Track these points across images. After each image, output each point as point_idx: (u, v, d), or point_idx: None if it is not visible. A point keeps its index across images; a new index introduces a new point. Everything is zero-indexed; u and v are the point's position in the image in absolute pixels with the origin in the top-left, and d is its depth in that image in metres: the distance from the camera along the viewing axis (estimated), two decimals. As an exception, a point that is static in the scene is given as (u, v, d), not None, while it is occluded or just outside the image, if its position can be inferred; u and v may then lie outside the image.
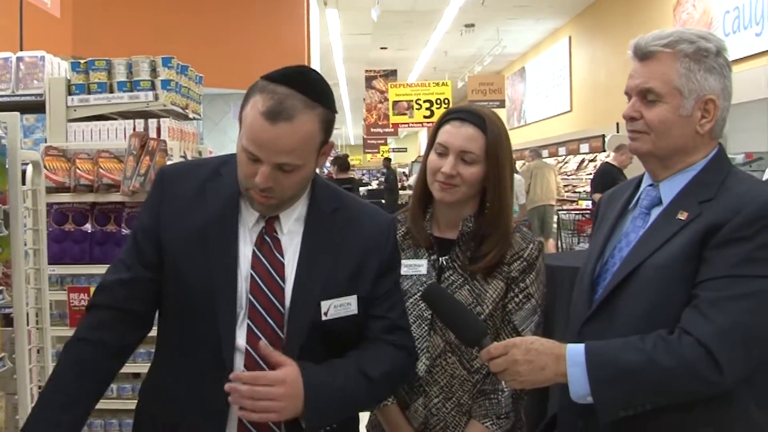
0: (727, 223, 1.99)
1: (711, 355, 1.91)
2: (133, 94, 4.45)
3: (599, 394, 1.99)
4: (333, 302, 2.15)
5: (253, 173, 2.05)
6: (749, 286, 1.95)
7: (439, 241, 2.61)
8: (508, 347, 2.09)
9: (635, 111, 2.18)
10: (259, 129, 2.01)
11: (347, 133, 45.97)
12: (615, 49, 16.07)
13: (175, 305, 2.19)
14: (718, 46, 2.14)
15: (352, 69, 23.23)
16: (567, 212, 12.68)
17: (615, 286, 2.14)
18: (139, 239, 2.21)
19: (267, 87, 2.04)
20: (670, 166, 2.19)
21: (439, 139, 2.56)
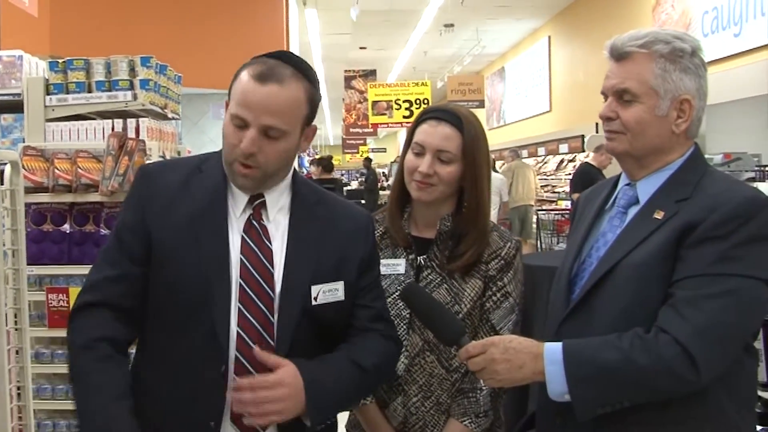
0: (703, 222, 2.01)
1: (687, 353, 1.93)
2: (112, 94, 4.42)
3: (576, 392, 2.01)
4: (322, 287, 2.21)
5: (239, 141, 2.11)
6: (725, 284, 1.97)
7: (417, 241, 2.62)
8: (486, 346, 2.11)
9: (611, 111, 2.20)
10: (250, 90, 2.10)
11: (326, 134, 45.89)
12: (594, 50, 16.12)
13: (164, 299, 2.18)
14: (693, 47, 2.16)
15: (331, 69, 23.20)
16: (546, 212, 12.70)
17: (592, 286, 2.15)
18: (123, 236, 2.21)
19: (256, 60, 2.16)
20: (646, 165, 2.21)
21: (416, 139, 2.57)
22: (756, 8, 10.25)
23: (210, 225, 2.18)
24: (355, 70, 23.00)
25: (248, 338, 2.12)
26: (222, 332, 2.11)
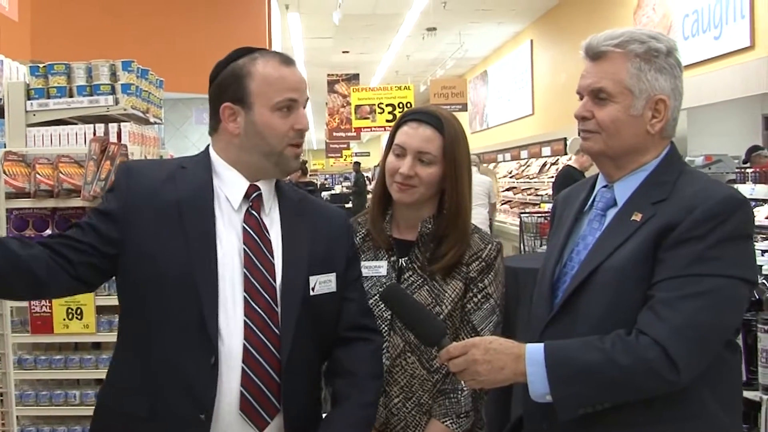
0: (680, 223, 2.02)
1: (667, 353, 1.94)
2: (93, 99, 4.40)
3: (558, 393, 2.02)
4: (318, 278, 2.30)
5: (292, 124, 2.26)
6: (702, 284, 1.98)
7: (398, 243, 2.63)
8: (467, 347, 2.11)
9: (587, 111, 2.20)
10: (290, 75, 2.28)
11: (310, 138, 45.85)
12: (576, 53, 16.01)
13: (148, 292, 2.18)
14: (669, 47, 2.17)
15: (314, 73, 23.17)
16: (529, 215, 12.73)
17: (574, 290, 2.16)
18: (98, 217, 2.24)
19: (257, 52, 2.30)
20: (622, 166, 2.21)
21: (397, 141, 2.58)
22: (736, 11, 10.31)
23: (196, 216, 2.22)
24: (338, 74, 22.98)
25: (254, 327, 2.18)
26: (211, 323, 2.14)
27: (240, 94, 2.25)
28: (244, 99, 2.25)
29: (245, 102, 2.25)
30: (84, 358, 4.18)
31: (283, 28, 16.49)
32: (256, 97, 2.24)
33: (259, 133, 2.24)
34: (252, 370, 2.17)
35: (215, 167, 2.31)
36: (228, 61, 2.31)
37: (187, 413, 2.13)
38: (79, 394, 4.23)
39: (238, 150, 2.29)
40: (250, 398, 2.17)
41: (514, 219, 15.00)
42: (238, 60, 2.29)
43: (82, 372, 4.21)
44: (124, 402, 2.21)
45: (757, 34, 9.96)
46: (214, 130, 2.34)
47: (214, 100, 2.31)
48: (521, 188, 17.18)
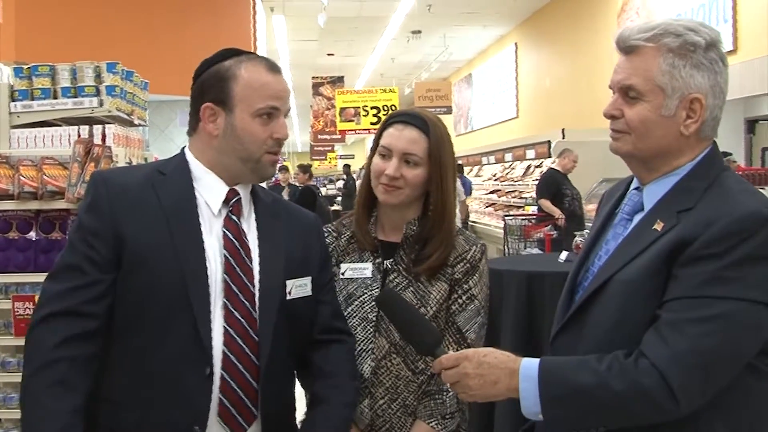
0: (698, 238, 1.86)
1: (665, 380, 1.81)
2: (78, 100, 4.39)
3: (549, 413, 1.91)
4: (295, 282, 2.29)
5: (271, 132, 2.24)
6: (714, 308, 1.82)
7: (383, 245, 2.64)
8: (460, 359, 2.02)
9: (616, 109, 2.04)
10: (274, 82, 2.26)
11: (294, 140, 45.81)
12: (560, 56, 16.24)
13: (139, 303, 2.14)
14: (709, 39, 1.97)
15: (299, 75, 23.17)
16: (513, 218, 12.77)
17: (586, 299, 2.05)
18: (91, 243, 2.15)
19: (245, 55, 2.29)
20: (654, 168, 2.05)
21: (383, 142, 2.59)
22: (719, 15, 10.39)
23: (183, 224, 2.19)
24: (322, 77, 22.98)
25: (234, 334, 2.15)
26: (205, 332, 2.12)
27: (222, 96, 2.23)
28: (225, 101, 2.23)
29: (227, 104, 2.23)
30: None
31: (268, 31, 16.49)
32: (239, 100, 2.22)
33: (238, 137, 2.22)
34: (231, 377, 2.15)
35: (194, 171, 2.28)
36: (214, 61, 2.29)
37: (183, 425, 2.10)
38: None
39: (216, 152, 2.27)
40: (228, 405, 2.14)
41: (498, 221, 15.04)
42: (224, 61, 2.27)
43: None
44: (108, 416, 2.16)
45: (739, 38, 10.05)
46: (192, 131, 2.33)
47: (196, 98, 2.29)
48: (505, 191, 17.18)
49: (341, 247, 2.67)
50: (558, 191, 10.99)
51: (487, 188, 18.88)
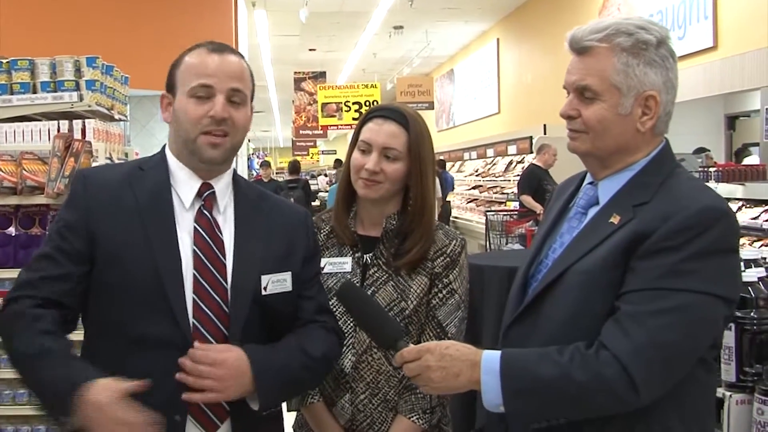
0: (655, 231, 1.90)
1: (626, 372, 1.83)
2: (57, 95, 4.38)
3: (511, 405, 1.93)
4: (271, 277, 2.24)
5: (205, 112, 2.16)
6: (672, 300, 1.86)
7: (363, 239, 2.64)
8: (422, 352, 2.03)
9: (573, 109, 2.06)
10: (209, 61, 2.19)
11: (276, 136, 45.74)
12: (542, 52, 16.26)
13: (114, 298, 2.14)
14: (659, 37, 2.02)
15: (280, 71, 23.12)
16: (495, 213, 12.79)
17: (541, 290, 2.07)
18: (64, 235, 2.16)
19: (199, 44, 2.25)
20: (609, 165, 2.09)
21: (362, 137, 2.59)
22: (700, 12, 10.42)
23: (157, 218, 2.18)
24: (304, 72, 22.93)
25: (204, 330, 2.14)
26: (183, 323, 2.12)
27: (170, 82, 2.25)
28: (172, 87, 2.25)
29: (173, 90, 2.24)
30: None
31: (250, 26, 16.42)
32: (179, 83, 2.23)
33: (178, 119, 2.22)
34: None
35: (170, 166, 2.28)
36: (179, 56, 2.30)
37: (163, 415, 2.05)
38: (28, 392, 4.19)
39: (173, 141, 2.28)
40: (200, 403, 2.13)
41: (479, 217, 15.06)
42: (187, 53, 2.28)
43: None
44: None
45: (720, 35, 10.08)
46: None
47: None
48: (487, 186, 17.21)
49: (320, 241, 2.66)
50: (539, 187, 11.02)
51: (468, 184, 18.91)
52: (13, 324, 2.10)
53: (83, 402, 1.91)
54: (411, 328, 2.55)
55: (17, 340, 2.08)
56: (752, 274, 2.62)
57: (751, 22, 9.46)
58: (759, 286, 2.59)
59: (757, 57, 9.21)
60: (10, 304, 2.13)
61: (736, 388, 2.58)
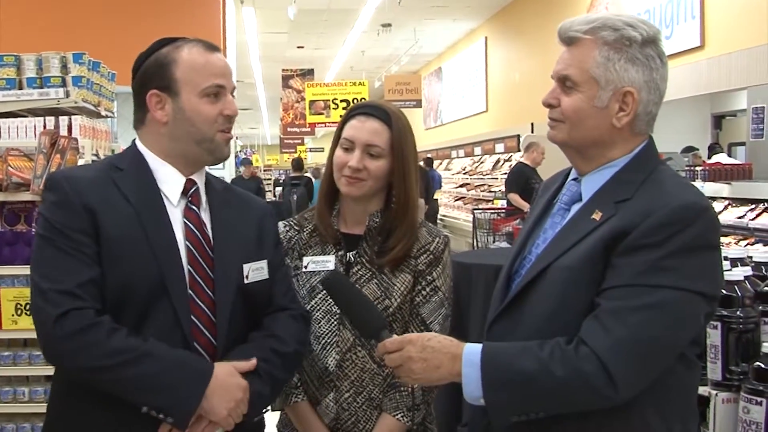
0: (636, 227, 1.90)
1: (605, 367, 1.84)
2: (43, 91, 4.37)
3: (491, 398, 1.94)
4: (251, 266, 2.31)
5: (221, 110, 2.24)
6: (652, 296, 1.87)
7: (346, 237, 2.64)
8: (404, 343, 2.04)
9: (553, 98, 2.09)
10: (216, 60, 2.27)
11: (264, 133, 45.67)
12: (530, 50, 16.28)
13: (119, 298, 2.13)
14: (647, 36, 2.02)
15: (268, 68, 23.08)
16: (482, 211, 12.80)
17: (524, 286, 2.08)
18: (75, 237, 2.10)
19: (180, 40, 2.29)
20: (588, 158, 2.10)
21: (345, 134, 2.59)
22: (687, 11, 10.44)
23: (154, 217, 2.19)
24: (292, 70, 22.90)
25: (200, 323, 2.18)
26: (184, 320, 2.15)
27: (166, 82, 2.24)
28: (170, 86, 2.24)
29: (172, 89, 2.23)
30: (33, 355, 4.14)
31: (238, 23, 16.39)
32: (183, 83, 2.23)
33: (189, 119, 2.23)
34: None
35: (150, 164, 2.28)
36: (150, 52, 2.30)
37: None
38: (28, 391, 4.19)
39: (169, 140, 2.27)
40: None
41: (467, 215, 15.08)
42: (161, 49, 2.28)
43: (31, 369, 4.17)
44: (89, 409, 2.15)
45: (707, 34, 10.11)
46: (140, 123, 2.32)
47: (139, 91, 2.29)
48: (474, 184, 17.24)
49: (303, 240, 2.67)
50: (527, 185, 11.04)
51: (456, 182, 18.94)
52: (94, 336, 2.05)
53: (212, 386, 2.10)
54: (395, 326, 2.55)
55: (106, 348, 2.05)
56: (738, 273, 2.63)
57: (738, 22, 9.49)
58: (745, 285, 2.59)
59: (744, 57, 9.24)
60: (64, 320, 2.05)
61: (722, 387, 2.58)
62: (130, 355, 2.05)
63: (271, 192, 22.38)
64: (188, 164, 2.29)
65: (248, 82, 24.56)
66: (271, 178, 31.55)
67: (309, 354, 2.58)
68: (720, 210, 7.59)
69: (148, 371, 2.05)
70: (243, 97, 25.46)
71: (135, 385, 2.06)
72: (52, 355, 2.14)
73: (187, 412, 2.07)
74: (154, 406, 2.07)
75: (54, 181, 2.21)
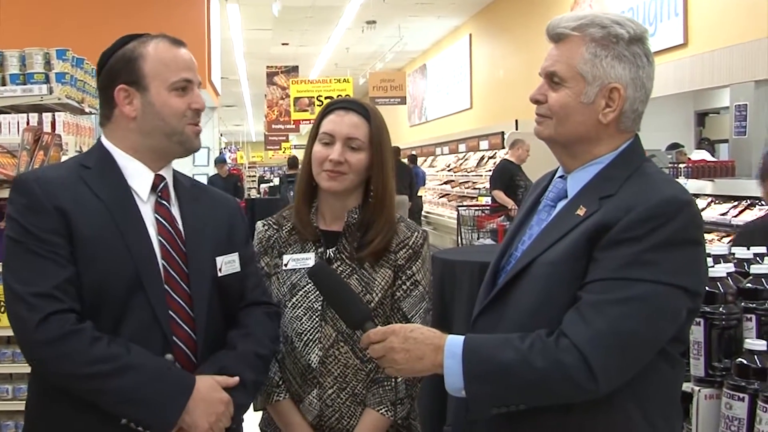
0: (618, 222, 1.91)
1: (585, 360, 1.85)
2: (27, 87, 4.35)
3: (471, 389, 1.94)
4: (224, 258, 2.33)
5: (188, 104, 2.26)
6: (633, 289, 1.88)
7: (325, 234, 2.65)
8: (387, 333, 2.05)
9: (541, 94, 2.10)
10: (182, 55, 2.29)
11: (248, 130, 45.58)
12: (514, 47, 16.31)
13: (95, 297, 2.11)
14: (633, 34, 2.03)
15: (253, 65, 23.03)
16: (467, 208, 12.83)
17: (508, 281, 2.09)
18: (49, 239, 2.08)
19: (145, 36, 2.29)
20: (575, 155, 2.11)
21: (324, 129, 2.60)
22: (670, 9, 10.50)
23: (126, 214, 2.19)
24: (277, 66, 22.87)
25: (178, 318, 2.18)
26: (162, 315, 2.15)
27: (134, 77, 2.24)
28: (138, 81, 2.24)
29: (140, 84, 2.24)
30: (16, 352, 4.12)
31: (222, 19, 16.35)
32: (152, 78, 2.24)
33: (158, 113, 2.24)
34: (179, 361, 2.20)
35: (118, 161, 2.27)
36: (116, 48, 2.30)
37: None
38: (11, 389, 4.18)
39: (138, 135, 2.27)
40: None
41: (451, 212, 15.10)
42: (126, 45, 2.28)
43: (14, 366, 4.16)
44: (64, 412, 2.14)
45: (690, 32, 10.17)
46: (107, 119, 2.31)
47: (106, 87, 2.28)
48: (459, 181, 17.26)
49: (282, 238, 2.68)
50: (511, 182, 11.06)
51: (440, 179, 18.95)
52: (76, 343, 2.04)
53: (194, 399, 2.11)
54: (377, 321, 2.55)
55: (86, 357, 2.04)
56: (721, 269, 2.64)
57: (721, 20, 9.54)
58: (727, 282, 2.60)
59: (726, 54, 9.29)
60: (41, 326, 2.03)
61: (705, 383, 2.59)
62: (111, 365, 2.04)
63: (255, 189, 22.32)
64: (157, 159, 2.29)
65: (233, 79, 24.50)
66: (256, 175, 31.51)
67: (291, 352, 2.59)
68: (703, 207, 7.64)
69: (129, 383, 2.05)
70: (227, 93, 25.39)
71: (115, 398, 2.06)
72: (33, 360, 2.15)
73: (168, 426, 2.08)
74: (134, 419, 2.07)
75: (24, 183, 2.18)
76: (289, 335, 2.59)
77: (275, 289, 2.63)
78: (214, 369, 2.21)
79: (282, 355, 2.60)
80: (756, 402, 2.32)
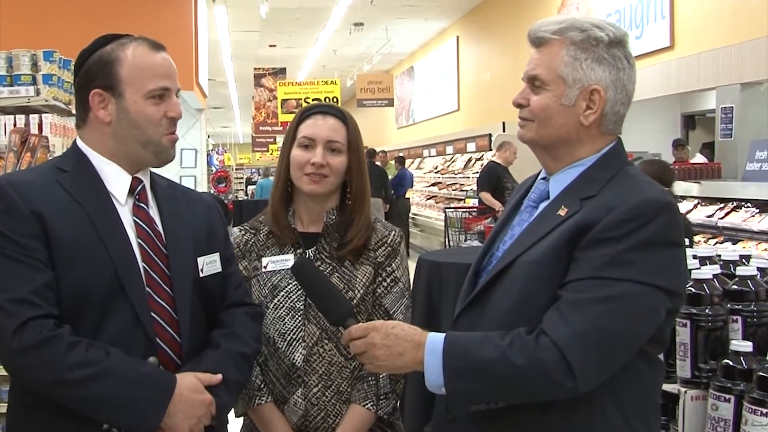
0: (599, 222, 1.93)
1: (564, 358, 1.86)
2: (14, 89, 4.34)
3: (451, 385, 1.95)
4: (205, 259, 2.31)
5: (164, 112, 2.20)
6: (612, 289, 1.89)
7: (303, 236, 2.66)
8: (368, 330, 2.07)
9: (523, 98, 2.12)
10: (161, 61, 2.22)
11: (236, 132, 45.51)
12: (501, 50, 16.34)
13: (75, 301, 2.08)
14: (613, 37, 2.06)
15: (240, 67, 23.02)
16: (454, 210, 12.84)
17: (489, 281, 2.10)
18: (26, 243, 2.05)
19: (125, 38, 2.23)
20: (558, 157, 2.13)
21: (304, 133, 2.63)
22: (657, 12, 10.54)
23: (104, 217, 2.16)
24: (264, 68, 22.83)
25: (162, 320, 2.16)
26: (145, 318, 2.13)
27: (110, 81, 2.18)
28: (114, 86, 2.18)
29: (115, 89, 2.18)
30: (2, 354, 4.09)
31: (210, 21, 16.32)
32: (128, 84, 2.17)
33: (133, 121, 2.18)
34: (163, 364, 2.18)
35: (95, 163, 2.23)
36: (94, 48, 2.23)
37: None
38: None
39: (113, 140, 2.22)
40: None
41: (439, 214, 15.12)
42: (105, 46, 2.21)
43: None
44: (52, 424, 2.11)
45: (677, 35, 10.21)
46: (82, 122, 2.26)
47: (82, 89, 2.22)
48: (446, 183, 17.29)
49: (260, 242, 2.70)
50: (498, 184, 11.08)
51: (428, 181, 18.99)
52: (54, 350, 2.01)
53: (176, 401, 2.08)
54: (360, 318, 2.56)
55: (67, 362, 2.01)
56: (706, 271, 2.65)
57: (707, 23, 9.58)
58: (713, 283, 2.62)
59: (713, 57, 9.33)
60: (22, 332, 1.99)
61: (691, 384, 2.61)
62: (89, 371, 2.01)
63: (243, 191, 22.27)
64: (133, 164, 2.25)
65: (220, 81, 24.47)
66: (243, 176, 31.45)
67: (275, 353, 2.60)
68: (689, 209, 7.67)
69: (108, 389, 2.02)
70: (215, 95, 25.36)
71: (95, 404, 2.03)
72: (10, 368, 2.13)
73: (149, 430, 2.06)
74: (115, 424, 2.06)
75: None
76: (271, 336, 2.59)
77: (256, 291, 2.64)
78: (197, 368, 2.20)
79: (264, 358, 2.61)
80: (742, 403, 2.33)
